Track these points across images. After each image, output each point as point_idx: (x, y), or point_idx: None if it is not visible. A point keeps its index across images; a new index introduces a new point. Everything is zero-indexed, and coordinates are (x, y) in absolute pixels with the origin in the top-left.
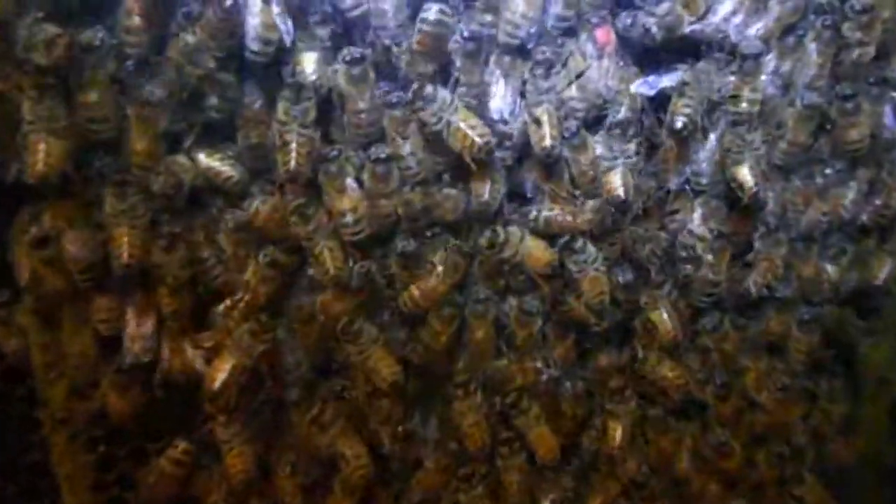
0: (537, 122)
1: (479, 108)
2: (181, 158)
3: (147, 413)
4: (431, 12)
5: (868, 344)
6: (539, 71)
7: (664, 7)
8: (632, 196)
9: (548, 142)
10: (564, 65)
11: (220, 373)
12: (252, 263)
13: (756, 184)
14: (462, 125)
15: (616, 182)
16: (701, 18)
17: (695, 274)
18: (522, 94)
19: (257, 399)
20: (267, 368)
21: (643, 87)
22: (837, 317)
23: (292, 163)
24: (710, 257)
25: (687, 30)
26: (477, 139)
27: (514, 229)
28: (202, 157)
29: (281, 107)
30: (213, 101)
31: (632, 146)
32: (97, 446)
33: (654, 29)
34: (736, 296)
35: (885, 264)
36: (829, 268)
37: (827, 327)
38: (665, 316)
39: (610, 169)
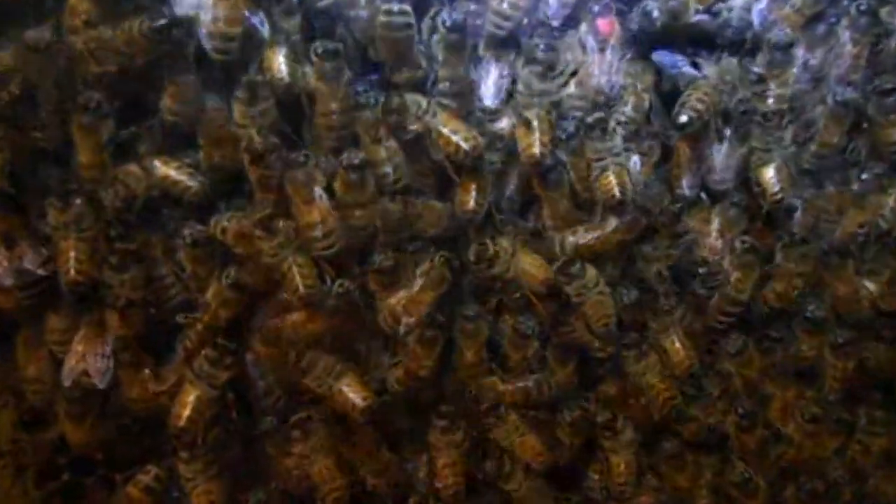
0: (527, 124)
1: (462, 105)
2: (133, 167)
3: (114, 440)
4: (389, 13)
5: None
6: (535, 69)
7: None
8: (630, 195)
9: (536, 149)
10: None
11: (184, 408)
12: (214, 284)
13: (781, 189)
14: (445, 130)
15: (611, 181)
16: (711, 7)
17: (715, 291)
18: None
19: (225, 430)
20: (234, 397)
21: (664, 57)
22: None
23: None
24: (736, 274)
25: (694, 18)
26: (463, 144)
27: (505, 242)
28: (158, 166)
29: (237, 109)
30: (167, 102)
31: (617, 141)
32: (60, 475)
33: (656, 13)
34: (761, 315)
35: None
36: (868, 285)
37: (865, 351)
38: (678, 344)
39: (603, 170)
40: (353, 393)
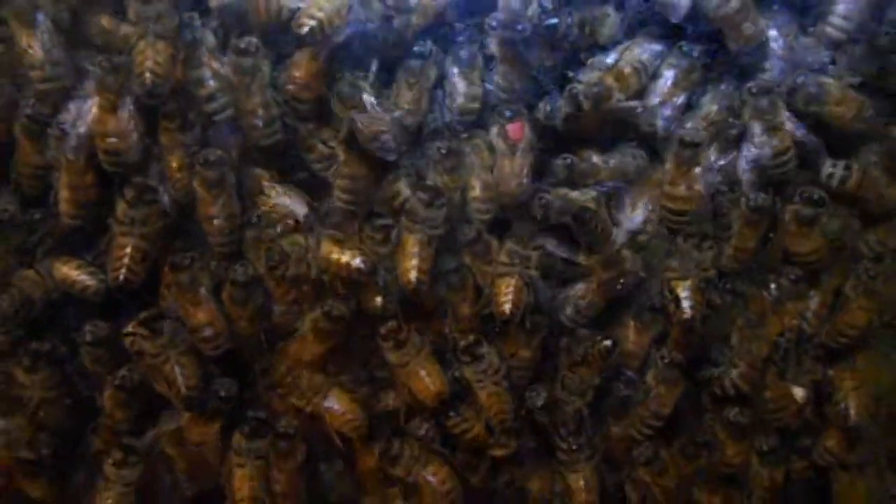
0: (405, 251)
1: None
2: (29, 272)
3: None
4: None
5: (845, 480)
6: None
7: (593, 75)
8: (519, 313)
9: (412, 276)
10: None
11: None
12: (107, 385)
13: (692, 308)
14: (333, 255)
15: (506, 295)
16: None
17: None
18: None
19: None
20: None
21: None
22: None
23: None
24: (661, 388)
25: (617, 105)
26: (355, 262)
27: (416, 340)
28: (57, 267)
29: (119, 205)
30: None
31: (534, 254)
32: None
33: (582, 97)
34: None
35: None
36: (794, 390)
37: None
38: (581, 482)
39: (503, 276)
40: None
